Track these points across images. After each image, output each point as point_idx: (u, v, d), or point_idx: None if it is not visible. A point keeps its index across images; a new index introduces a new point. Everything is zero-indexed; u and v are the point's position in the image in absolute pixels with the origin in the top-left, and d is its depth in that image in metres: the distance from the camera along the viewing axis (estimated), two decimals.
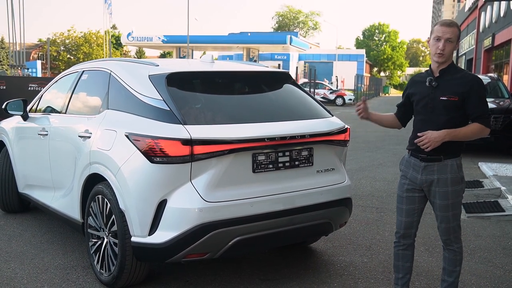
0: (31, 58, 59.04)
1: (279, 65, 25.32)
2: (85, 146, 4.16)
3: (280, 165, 3.81)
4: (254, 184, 3.69)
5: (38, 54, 63.12)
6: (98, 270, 4.03)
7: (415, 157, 3.38)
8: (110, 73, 4.30)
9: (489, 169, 8.91)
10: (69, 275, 4.20)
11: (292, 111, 4.15)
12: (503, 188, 7.31)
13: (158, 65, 4.08)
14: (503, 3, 21.90)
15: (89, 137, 4.13)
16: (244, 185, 3.65)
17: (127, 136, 3.68)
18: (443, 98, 3.24)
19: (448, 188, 3.30)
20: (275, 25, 76.93)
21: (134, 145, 3.60)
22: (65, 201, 4.57)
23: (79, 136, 4.27)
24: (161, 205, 3.52)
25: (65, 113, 4.86)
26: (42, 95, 5.59)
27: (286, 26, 75.40)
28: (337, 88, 41.63)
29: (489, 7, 26.14)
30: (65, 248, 4.83)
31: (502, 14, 22.61)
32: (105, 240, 3.96)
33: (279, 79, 4.50)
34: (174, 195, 3.51)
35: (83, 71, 4.88)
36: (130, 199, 3.60)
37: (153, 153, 3.49)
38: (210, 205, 3.50)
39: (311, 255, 4.74)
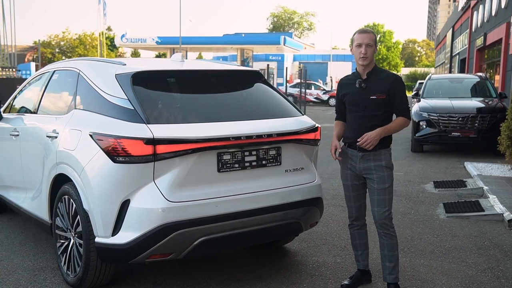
0: (26, 60, 58.85)
1: (268, 65, 25.10)
2: (52, 146, 4.12)
3: (247, 164, 3.77)
4: (219, 184, 3.65)
5: (33, 56, 62.96)
6: (65, 271, 3.98)
7: (352, 148, 3.80)
8: (79, 73, 4.26)
9: (474, 169, 8.88)
10: (37, 276, 4.15)
11: (260, 110, 4.11)
12: (485, 187, 7.27)
13: (125, 64, 4.04)
14: (495, 2, 21.91)
15: (56, 137, 4.09)
16: (209, 184, 3.61)
17: (91, 136, 3.64)
18: (373, 97, 3.71)
19: (384, 173, 3.74)
20: (270, 26, 76.95)
21: (98, 144, 3.56)
22: (35, 202, 4.53)
23: (47, 136, 4.23)
24: (124, 205, 3.48)
25: (36, 113, 4.82)
26: (16, 95, 5.54)
27: (281, 27, 75.33)
28: (331, 88, 41.59)
29: (481, 6, 26.17)
30: (36, 250, 4.78)
31: (493, 13, 22.61)
32: (72, 241, 3.92)
33: (249, 78, 4.46)
34: (137, 195, 3.47)
35: (54, 70, 4.83)
36: (94, 199, 3.55)
37: (116, 153, 3.45)
38: (174, 205, 3.46)
39: (284, 256, 4.70)
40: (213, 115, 3.80)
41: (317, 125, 4.25)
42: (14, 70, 25.83)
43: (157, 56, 72.29)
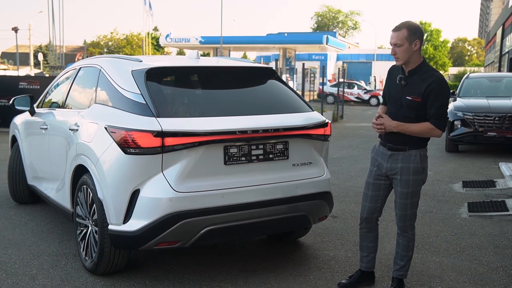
0: (76, 59, 60.87)
1: (303, 64, 24.76)
2: (74, 138, 4.36)
3: (253, 157, 3.88)
4: (226, 176, 3.78)
5: (83, 56, 65.05)
6: (83, 257, 4.21)
7: (384, 146, 3.67)
8: (100, 69, 4.49)
9: (508, 169, 8.65)
10: (59, 261, 4.41)
11: (269, 105, 4.21)
12: None
13: (141, 61, 4.23)
14: None
15: (77, 130, 4.33)
16: (215, 176, 3.75)
17: (106, 129, 3.85)
18: (409, 98, 3.48)
19: (410, 177, 3.57)
20: (314, 25, 76.58)
21: (111, 136, 3.77)
22: (60, 191, 4.80)
23: (69, 129, 4.48)
24: (135, 194, 3.67)
25: (63, 107, 5.10)
26: (48, 91, 5.86)
27: (325, 26, 74.78)
28: (375, 88, 41.07)
29: None
30: (62, 237, 5.06)
31: None
32: (89, 228, 4.14)
33: (261, 74, 4.57)
34: (146, 185, 3.65)
35: (80, 67, 5.10)
36: (107, 189, 3.76)
37: (127, 145, 3.65)
38: (180, 195, 3.62)
39: (296, 249, 4.79)
40: (221, 110, 3.94)
41: (327, 120, 4.32)
42: (62, 69, 26.98)
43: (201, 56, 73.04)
